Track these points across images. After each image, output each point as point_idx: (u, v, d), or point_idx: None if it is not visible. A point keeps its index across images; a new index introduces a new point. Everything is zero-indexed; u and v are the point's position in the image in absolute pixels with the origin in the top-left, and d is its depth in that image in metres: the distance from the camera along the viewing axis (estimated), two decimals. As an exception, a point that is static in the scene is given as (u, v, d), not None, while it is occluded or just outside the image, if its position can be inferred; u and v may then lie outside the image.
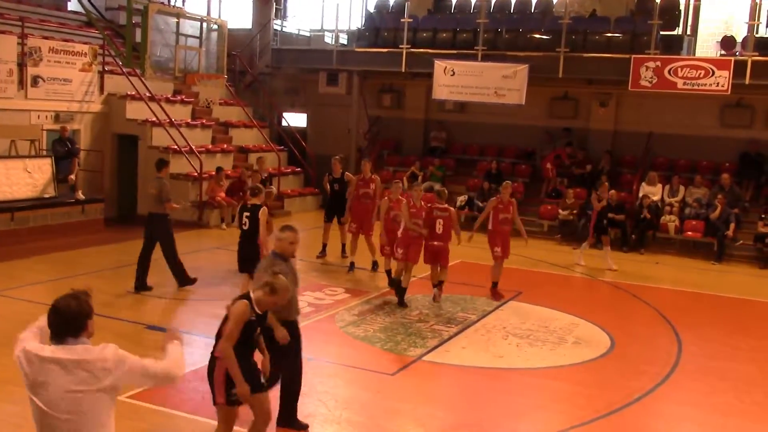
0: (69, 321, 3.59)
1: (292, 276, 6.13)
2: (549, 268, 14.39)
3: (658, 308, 11.65)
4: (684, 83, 16.63)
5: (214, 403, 5.57)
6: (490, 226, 11.90)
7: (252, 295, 5.41)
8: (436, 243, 10.93)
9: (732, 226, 15.85)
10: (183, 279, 11.15)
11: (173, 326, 9.46)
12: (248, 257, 9.51)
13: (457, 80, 18.42)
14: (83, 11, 19.40)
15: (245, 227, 9.81)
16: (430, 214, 11.01)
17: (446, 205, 11.30)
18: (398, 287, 10.94)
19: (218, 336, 5.52)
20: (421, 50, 19.08)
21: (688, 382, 8.55)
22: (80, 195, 15.39)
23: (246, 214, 9.72)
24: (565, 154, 18.91)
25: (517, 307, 11.10)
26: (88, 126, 17.09)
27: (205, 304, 10.54)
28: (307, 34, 23.57)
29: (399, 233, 11.03)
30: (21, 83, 15.40)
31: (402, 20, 19.38)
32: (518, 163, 20.02)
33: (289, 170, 20.60)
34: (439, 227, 10.92)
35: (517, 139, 20.05)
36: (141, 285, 10.87)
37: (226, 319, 5.47)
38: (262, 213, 9.62)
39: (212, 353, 5.53)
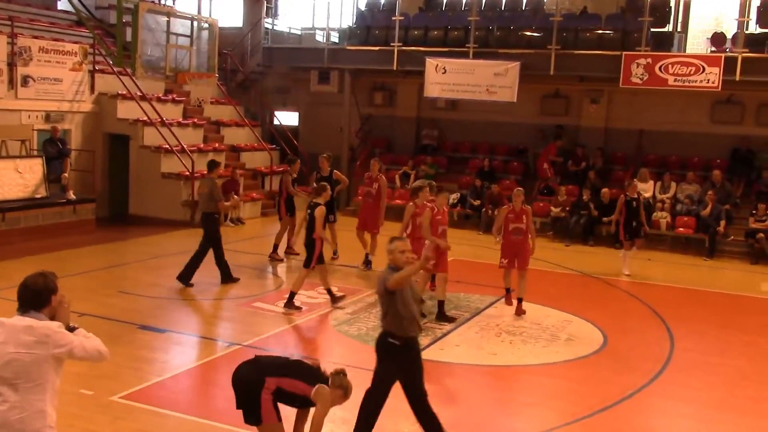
0: (35, 295, 4.10)
1: (412, 292, 6.07)
2: (541, 265, 14.38)
3: (650, 304, 11.69)
4: (675, 80, 16.68)
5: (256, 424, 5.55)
6: (503, 236, 10.84)
7: (324, 389, 5.47)
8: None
9: (723, 222, 15.92)
10: (227, 276, 11.62)
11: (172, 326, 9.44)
12: (307, 248, 10.46)
13: (448, 78, 18.43)
14: (73, 10, 19.33)
15: (306, 222, 10.65)
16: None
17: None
18: (441, 303, 10.27)
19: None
20: (413, 48, 19.08)
21: (681, 377, 8.58)
22: (71, 195, 15.33)
23: (308, 210, 10.54)
24: (555, 148, 18.92)
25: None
26: (79, 126, 17.02)
27: (197, 304, 10.53)
28: (299, 33, 23.54)
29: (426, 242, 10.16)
30: (11, 83, 15.32)
31: (393, 18, 19.37)
32: (510, 160, 20.05)
33: (281, 169, 20.53)
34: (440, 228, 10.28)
35: (509, 136, 20.07)
36: (184, 277, 11.34)
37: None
38: (319, 211, 10.27)
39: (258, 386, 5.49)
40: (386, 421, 6.12)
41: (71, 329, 4.22)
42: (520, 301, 10.64)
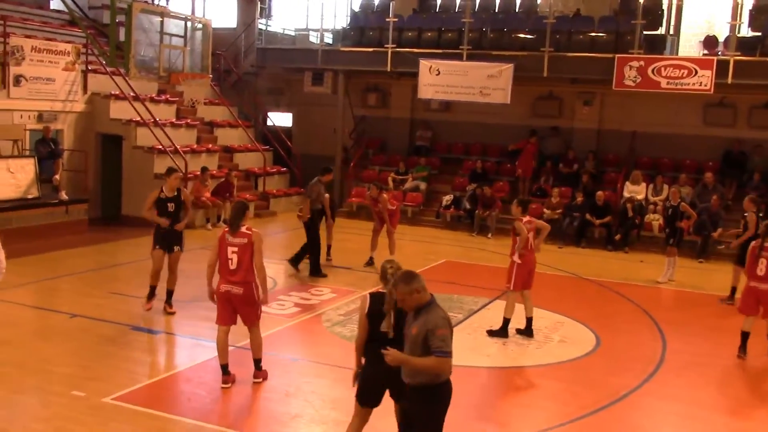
0: None
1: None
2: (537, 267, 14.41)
3: (642, 306, 11.72)
4: (667, 83, 16.74)
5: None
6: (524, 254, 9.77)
7: None
8: None
9: (720, 230, 15.68)
10: (316, 271, 12.57)
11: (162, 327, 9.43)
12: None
13: (442, 80, 18.45)
14: (66, 10, 19.28)
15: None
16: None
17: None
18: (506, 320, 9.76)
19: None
20: (407, 50, 19.08)
21: (673, 378, 8.61)
22: (64, 195, 15.28)
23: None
24: (533, 147, 18.88)
25: (503, 306, 11.12)
26: (71, 126, 16.97)
27: (187, 305, 10.49)
28: (292, 34, 23.52)
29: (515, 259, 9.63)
30: (3, 82, 15.26)
31: (387, 20, 19.38)
32: (503, 162, 20.07)
33: (274, 170, 20.55)
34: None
35: (502, 138, 20.09)
36: (295, 259, 12.90)
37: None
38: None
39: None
40: (376, 422, 6.13)
41: None
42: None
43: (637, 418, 7.53)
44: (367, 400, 5.68)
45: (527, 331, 9.78)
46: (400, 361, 5.07)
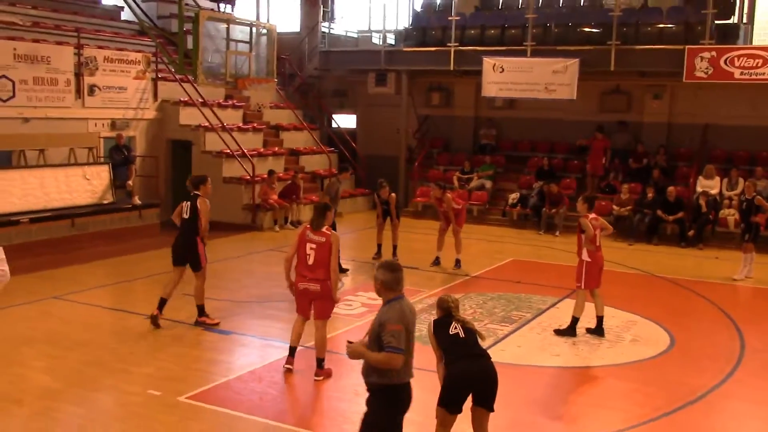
0: None
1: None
2: (604, 265, 14.14)
3: (718, 304, 11.37)
4: (741, 73, 16.20)
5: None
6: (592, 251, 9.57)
7: None
8: None
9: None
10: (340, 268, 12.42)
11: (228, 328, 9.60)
12: None
13: (506, 77, 18.27)
14: (136, 20, 19.83)
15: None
16: None
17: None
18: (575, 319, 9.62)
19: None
20: (470, 48, 18.98)
21: (753, 379, 8.32)
22: (137, 200, 15.72)
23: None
24: (602, 144, 18.47)
25: (572, 304, 10.94)
26: (143, 132, 17.45)
27: (257, 306, 10.66)
28: (355, 36, 23.66)
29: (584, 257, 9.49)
30: (78, 92, 15.80)
31: (449, 18, 19.31)
32: (570, 159, 19.74)
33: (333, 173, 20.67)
34: None
35: (568, 134, 19.76)
36: None
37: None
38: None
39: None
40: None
41: None
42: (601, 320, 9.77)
43: (715, 421, 7.30)
44: (450, 403, 5.66)
45: (598, 330, 9.60)
46: (358, 354, 5.09)
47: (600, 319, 9.63)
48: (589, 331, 9.65)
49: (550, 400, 7.80)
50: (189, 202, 9.54)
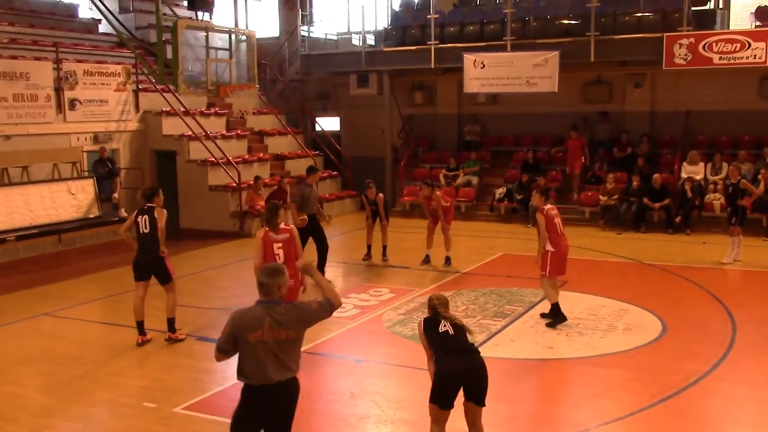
0: None
1: None
2: (594, 255, 14.22)
3: (708, 289, 11.44)
4: (720, 58, 16.30)
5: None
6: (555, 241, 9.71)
7: None
8: None
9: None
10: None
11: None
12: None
13: (487, 72, 18.31)
14: (114, 33, 19.73)
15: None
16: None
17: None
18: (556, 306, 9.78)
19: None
20: (450, 45, 19.01)
21: (746, 361, 8.37)
22: (123, 213, 15.65)
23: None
24: (579, 142, 18.51)
25: (563, 296, 10.93)
26: (126, 144, 17.38)
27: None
28: (335, 38, 23.64)
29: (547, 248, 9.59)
30: (59, 107, 15.72)
31: (428, 17, 19.33)
32: (556, 151, 19.77)
33: (325, 174, 20.67)
34: None
35: (552, 126, 19.83)
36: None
37: None
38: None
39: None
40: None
41: None
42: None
43: (711, 405, 7.34)
44: (441, 400, 5.70)
45: (551, 316, 9.74)
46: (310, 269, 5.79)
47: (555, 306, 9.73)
48: (543, 315, 9.83)
49: (546, 392, 7.82)
50: (145, 216, 9.29)
